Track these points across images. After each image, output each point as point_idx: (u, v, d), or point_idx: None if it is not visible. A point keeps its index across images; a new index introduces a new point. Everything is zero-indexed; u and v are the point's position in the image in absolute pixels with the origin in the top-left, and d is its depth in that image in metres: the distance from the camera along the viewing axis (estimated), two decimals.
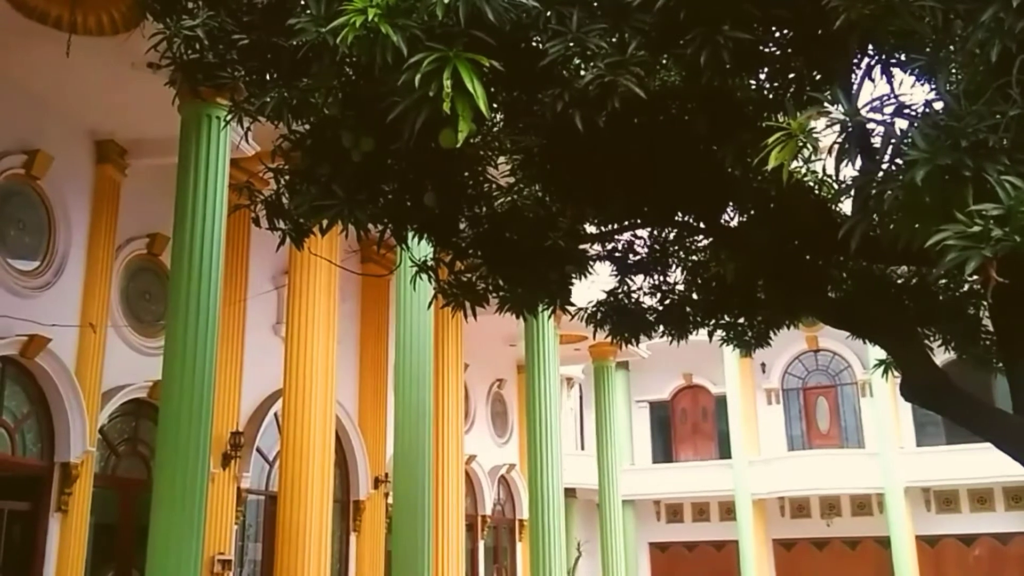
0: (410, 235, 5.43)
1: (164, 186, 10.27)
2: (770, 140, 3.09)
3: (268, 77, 4.90)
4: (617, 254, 6.40)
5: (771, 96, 4.35)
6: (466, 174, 5.24)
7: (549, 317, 13.77)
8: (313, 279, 11.47)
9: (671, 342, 6.71)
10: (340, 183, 4.62)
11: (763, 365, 25.74)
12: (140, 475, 11.97)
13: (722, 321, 6.60)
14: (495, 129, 4.83)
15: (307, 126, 4.81)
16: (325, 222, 4.84)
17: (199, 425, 8.27)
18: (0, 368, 10.19)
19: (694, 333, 6.71)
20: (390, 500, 14.88)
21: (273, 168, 5.20)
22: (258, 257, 13.08)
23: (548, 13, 3.52)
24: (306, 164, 4.90)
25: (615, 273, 6.54)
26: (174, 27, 4.98)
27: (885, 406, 23.38)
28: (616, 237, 6.26)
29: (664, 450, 27.86)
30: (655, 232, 6.33)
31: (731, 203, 5.44)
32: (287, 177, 5.14)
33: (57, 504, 10.46)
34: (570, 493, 21.21)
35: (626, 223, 5.90)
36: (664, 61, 3.95)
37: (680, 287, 6.55)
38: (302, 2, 4.40)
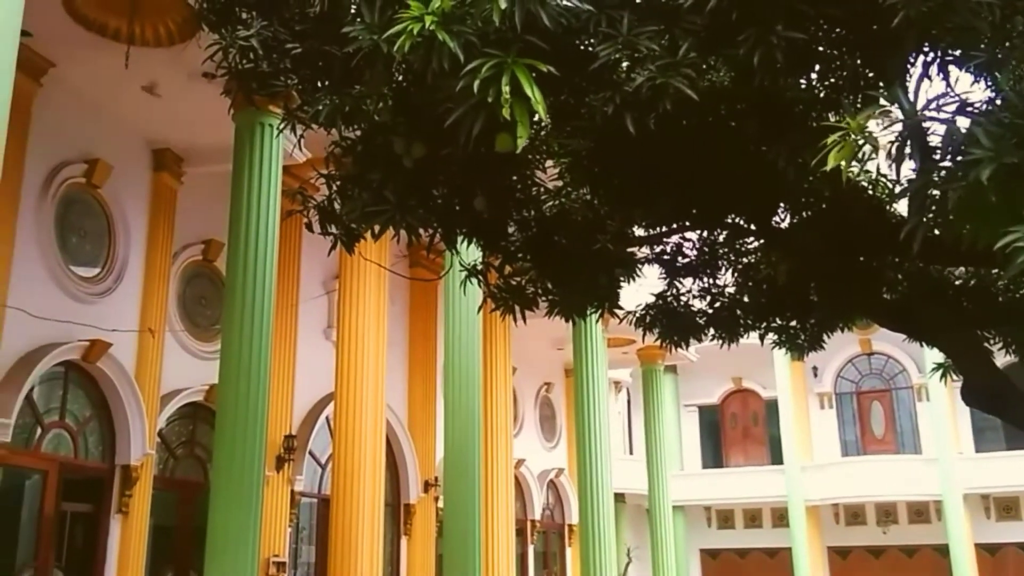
0: (459, 239, 5.47)
1: (218, 193, 10.49)
2: (828, 140, 3.06)
3: (320, 85, 4.99)
4: (666, 257, 6.37)
5: (822, 96, 4.31)
6: (514, 178, 5.27)
7: (597, 320, 13.73)
8: (363, 283, 11.60)
9: (721, 345, 6.66)
10: (391, 188, 4.68)
11: (815, 369, 25.38)
12: (197, 477, 12.20)
13: (774, 324, 6.52)
14: (543, 133, 4.84)
15: (358, 132, 4.89)
16: (377, 227, 4.90)
17: (255, 428, 8.42)
18: (63, 372, 10.46)
19: (744, 336, 6.64)
20: (440, 504, 15.00)
21: (325, 174, 5.29)
22: (309, 262, 13.28)
23: (599, 16, 3.53)
24: (358, 170, 4.97)
25: (664, 276, 6.51)
26: (229, 37, 5.08)
27: (942, 410, 22.89)
28: (665, 240, 6.23)
29: (714, 455, 27.60)
30: (704, 234, 6.29)
31: (782, 204, 5.39)
32: (339, 183, 5.22)
33: (118, 506, 10.70)
34: (619, 498, 21.11)
35: (675, 225, 5.88)
36: (713, 62, 3.93)
37: (730, 289, 6.49)
38: (352, 11, 4.48)
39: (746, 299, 6.36)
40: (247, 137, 9.16)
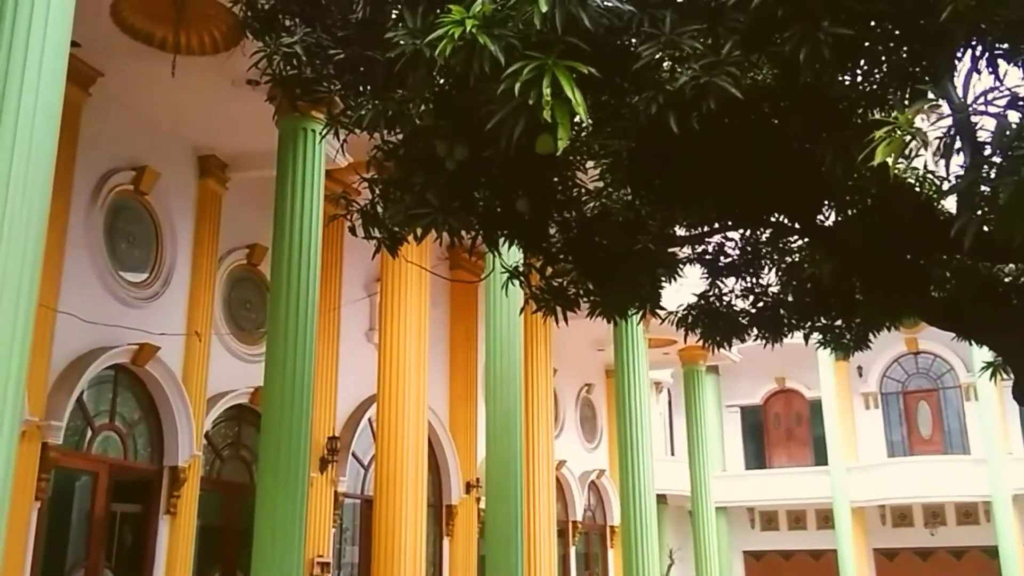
0: (501, 241, 5.50)
1: (262, 198, 10.63)
2: (876, 135, 3.03)
3: (362, 90, 5.04)
4: (708, 256, 6.35)
5: (866, 91, 4.26)
6: (555, 179, 5.28)
7: (639, 321, 13.69)
8: (405, 286, 11.66)
9: (765, 345, 6.61)
10: (434, 191, 4.72)
11: (860, 368, 25.06)
12: (243, 479, 12.35)
13: (818, 323, 6.46)
14: (583, 134, 4.85)
15: (400, 136, 4.93)
16: (420, 230, 4.94)
17: (299, 430, 8.51)
18: (113, 376, 10.66)
19: (789, 336, 6.59)
20: (482, 505, 15.02)
21: (368, 178, 5.34)
22: (351, 265, 13.40)
23: (641, 16, 3.53)
24: (400, 173, 5.02)
25: (706, 276, 6.48)
26: (273, 45, 5.16)
27: (991, 410, 22.46)
28: (707, 239, 6.20)
29: (757, 456, 27.34)
30: (747, 233, 6.25)
31: (826, 202, 5.34)
32: (381, 187, 5.27)
33: (166, 506, 10.87)
34: (661, 499, 21.00)
35: (716, 225, 5.85)
36: (755, 60, 3.91)
37: (774, 289, 6.44)
38: (394, 16, 4.53)
39: (790, 298, 6.31)
40: (290, 142, 9.27)
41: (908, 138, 3.03)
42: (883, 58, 3.99)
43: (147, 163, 11.15)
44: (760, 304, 6.40)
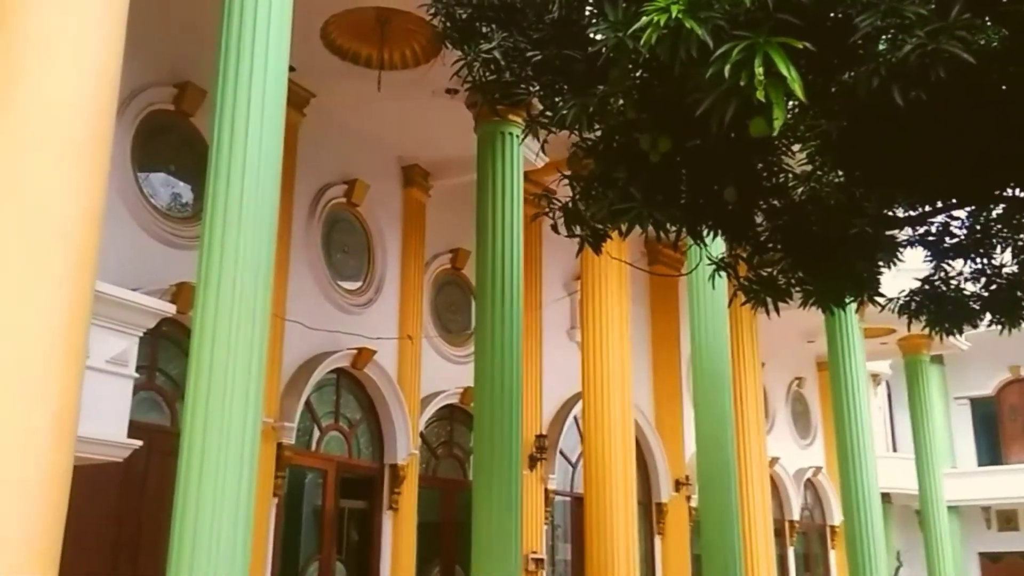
0: (705, 232, 5.37)
1: (462, 203, 10.96)
2: None
3: (560, 89, 5.07)
4: (931, 238, 5.92)
5: None
6: (760, 166, 5.09)
7: (857, 310, 13.02)
8: (604, 284, 11.64)
9: (1001, 331, 6.09)
10: (637, 185, 4.67)
11: None
12: (457, 476, 12.80)
13: None
14: (789, 117, 4.64)
15: (599, 133, 4.92)
16: (624, 225, 4.90)
17: (510, 428, 8.69)
18: (335, 379, 11.35)
19: None
20: (692, 503, 14.78)
21: (570, 176, 5.37)
22: (550, 265, 13.56)
23: None
24: (602, 169, 5.00)
25: (929, 258, 6.05)
26: (472, 52, 5.28)
27: None
28: (929, 219, 5.79)
29: (990, 451, 25.24)
30: (976, 211, 5.78)
31: None
32: (582, 184, 5.28)
33: (388, 502, 11.44)
34: (884, 498, 19.78)
35: (940, 204, 5.44)
36: (981, 23, 3.59)
37: (1009, 269, 5.92)
38: (587, 12, 4.52)
39: None
40: (489, 147, 9.48)
41: None
42: None
43: (357, 176, 11.77)
44: (994, 287, 5.89)
